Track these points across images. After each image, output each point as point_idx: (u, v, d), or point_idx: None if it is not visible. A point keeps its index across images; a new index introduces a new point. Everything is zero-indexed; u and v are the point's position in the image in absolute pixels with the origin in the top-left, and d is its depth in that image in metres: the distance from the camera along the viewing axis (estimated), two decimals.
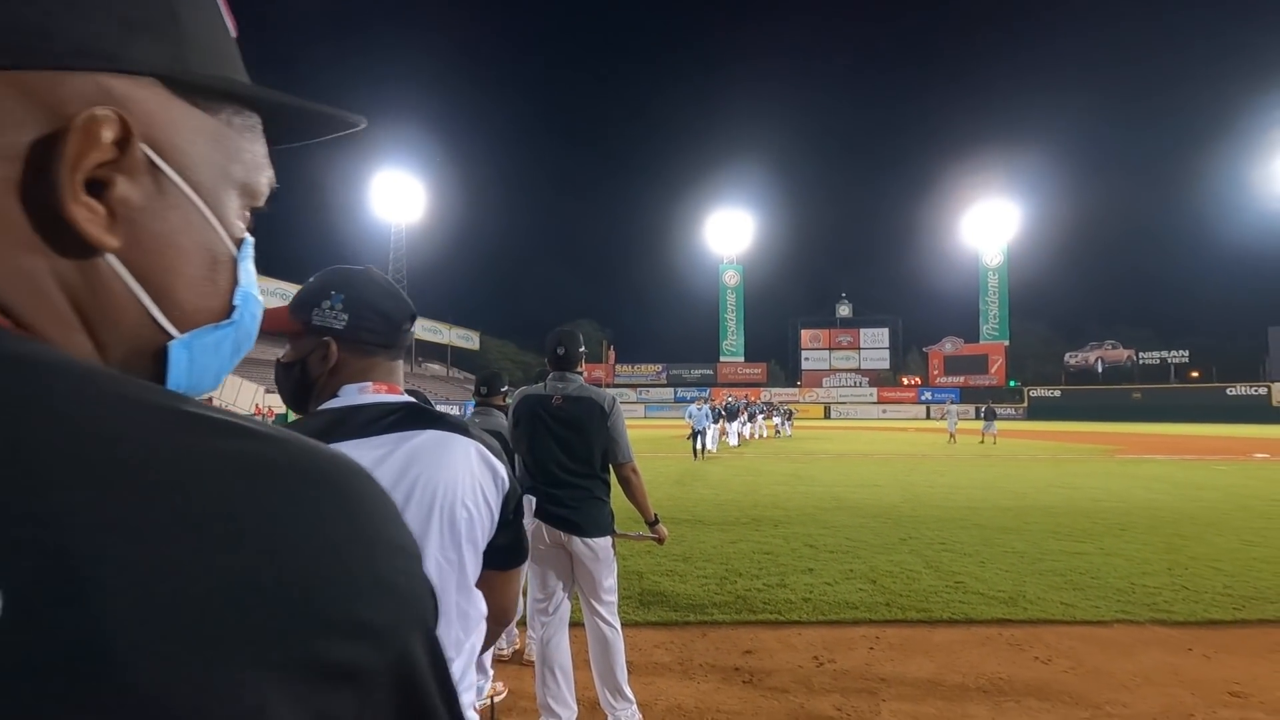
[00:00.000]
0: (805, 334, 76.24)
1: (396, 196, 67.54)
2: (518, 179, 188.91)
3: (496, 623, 1.16)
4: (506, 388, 4.13)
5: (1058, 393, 63.55)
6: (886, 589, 4.91)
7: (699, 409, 17.39)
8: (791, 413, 33.44)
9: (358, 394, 1.03)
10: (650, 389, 72.09)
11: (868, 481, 11.93)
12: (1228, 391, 55.96)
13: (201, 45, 0.34)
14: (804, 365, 75.14)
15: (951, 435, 24.70)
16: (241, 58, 0.38)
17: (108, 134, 0.30)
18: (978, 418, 25.35)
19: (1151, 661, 3.64)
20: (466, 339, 72.76)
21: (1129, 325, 73.14)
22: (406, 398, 1.07)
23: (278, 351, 1.09)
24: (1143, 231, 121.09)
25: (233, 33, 0.37)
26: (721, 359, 75.53)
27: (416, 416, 1.05)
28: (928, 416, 62.93)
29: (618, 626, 2.89)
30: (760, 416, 27.24)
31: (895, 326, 76.50)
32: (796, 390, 71.19)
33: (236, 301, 0.38)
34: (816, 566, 5.55)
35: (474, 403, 4.09)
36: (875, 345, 75.73)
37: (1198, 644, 3.91)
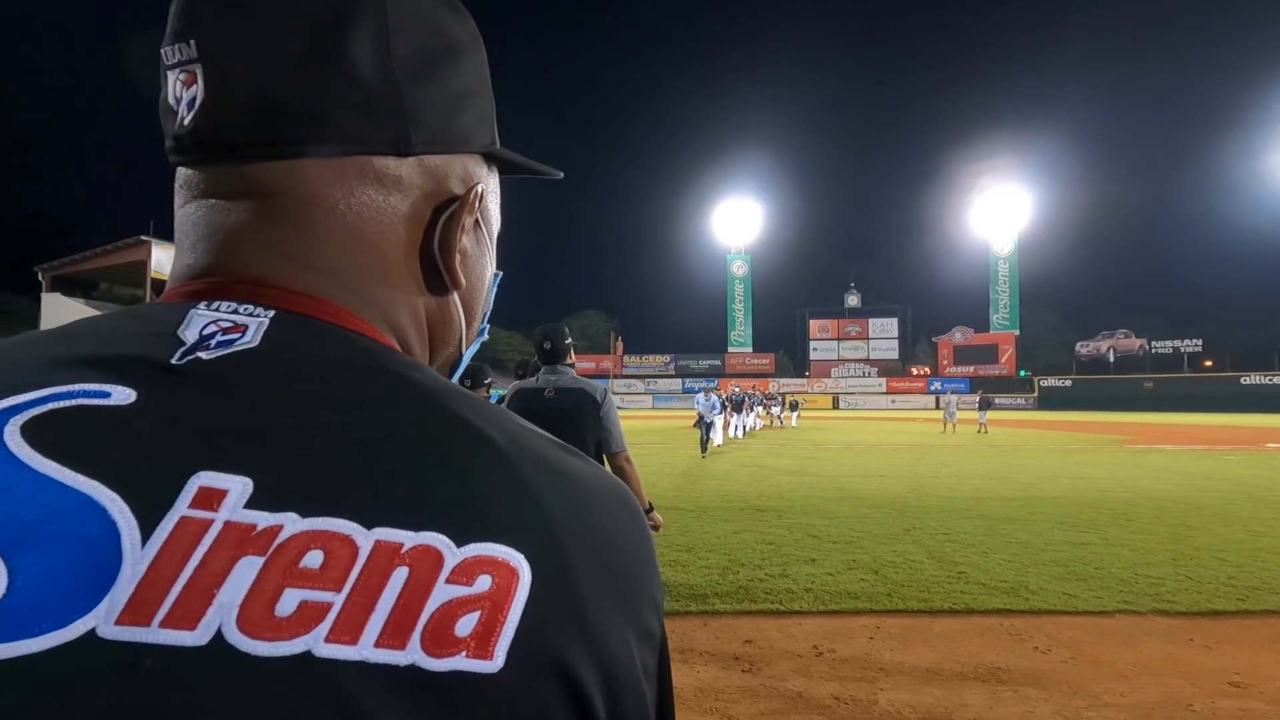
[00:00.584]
0: (813, 324, 76.06)
1: None
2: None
3: None
4: (490, 380, 4.28)
5: (1069, 382, 63.18)
6: (888, 579, 4.93)
7: (706, 399, 16.49)
8: (797, 404, 32.58)
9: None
10: (658, 380, 72.18)
11: (873, 472, 11.93)
12: (1241, 381, 55.46)
13: (493, 119, 0.44)
14: (812, 355, 75.00)
15: (947, 425, 25.22)
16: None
17: (477, 203, 0.40)
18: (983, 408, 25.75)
19: (1152, 651, 3.65)
20: None
21: (1141, 314, 72.66)
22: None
23: None
24: (1156, 220, 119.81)
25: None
26: (729, 350, 75.49)
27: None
28: (937, 407, 62.71)
29: None
30: (759, 408, 26.88)
31: (904, 316, 76.23)
32: (805, 381, 71.09)
33: (486, 324, 0.48)
34: (819, 557, 5.57)
35: None
36: (884, 335, 75.46)
37: (1199, 634, 3.91)
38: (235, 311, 0.33)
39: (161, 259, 41.22)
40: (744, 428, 22.20)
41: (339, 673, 0.23)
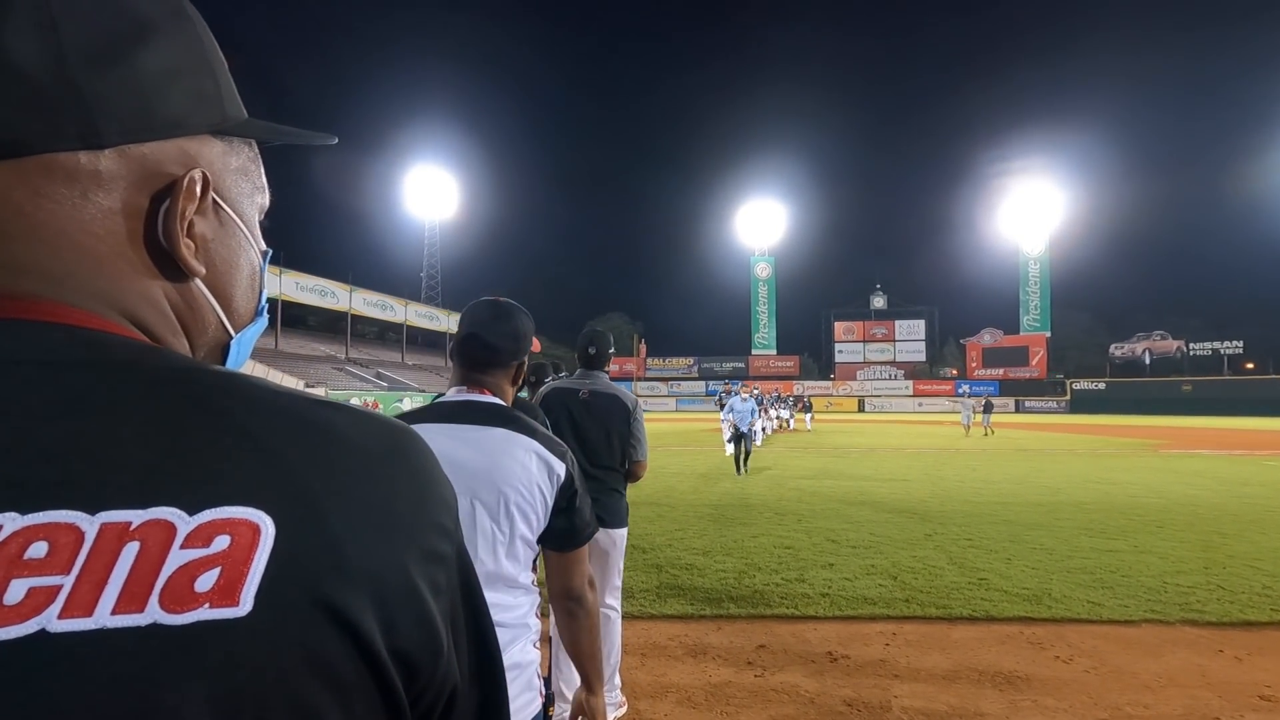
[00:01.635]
0: (839, 326, 75.28)
1: (430, 193, 68.53)
2: (549, 173, 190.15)
3: (563, 598, 1.39)
4: (553, 377, 4.26)
5: (1102, 385, 61.68)
6: (907, 585, 4.86)
7: (743, 401, 12.31)
8: (810, 404, 30.33)
9: (457, 394, 1.40)
10: (681, 382, 72.02)
11: (897, 476, 11.77)
12: None
13: (227, 96, 0.43)
14: (837, 358, 74.23)
15: (968, 428, 26.21)
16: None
17: (198, 189, 0.40)
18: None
19: (1178, 662, 3.55)
20: None
21: (1179, 315, 70.48)
22: (496, 401, 1.39)
23: (311, 348, 1.27)
24: (1193, 218, 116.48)
25: (228, 71, 0.45)
26: (753, 352, 75.07)
27: (496, 416, 1.35)
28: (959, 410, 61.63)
29: (619, 611, 3.03)
30: (771, 410, 24.97)
31: (931, 318, 75.04)
32: (830, 383, 70.40)
33: (263, 304, 0.48)
34: (837, 561, 5.52)
35: None
36: (911, 337, 74.39)
37: (1229, 645, 3.79)
38: None
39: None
40: (762, 432, 21.14)
41: (78, 642, 0.26)
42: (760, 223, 76.10)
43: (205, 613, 0.28)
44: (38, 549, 0.27)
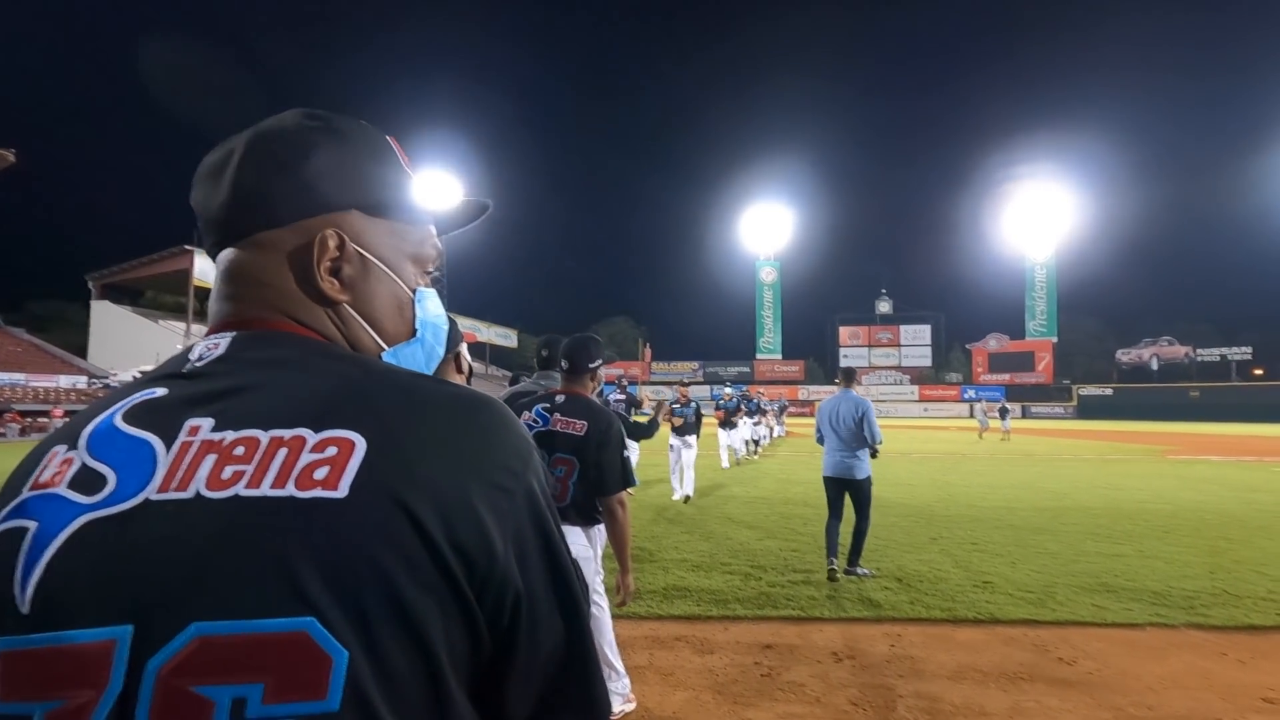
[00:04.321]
0: (844, 331, 75.13)
1: (435, 196, 68.79)
2: (554, 176, 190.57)
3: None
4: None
5: (1109, 391, 61.40)
6: (912, 588, 4.89)
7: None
8: (785, 407, 27.42)
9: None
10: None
11: (902, 480, 11.78)
12: None
13: (378, 184, 0.62)
14: (842, 363, 73.87)
15: (983, 432, 26.59)
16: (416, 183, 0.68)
17: (332, 243, 0.58)
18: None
19: (1182, 665, 3.58)
20: (505, 337, 73.73)
21: (1186, 321, 69.98)
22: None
23: None
24: (1201, 224, 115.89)
25: (407, 168, 0.65)
26: (758, 356, 74.98)
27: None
28: (971, 415, 61.47)
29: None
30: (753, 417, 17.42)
31: (937, 323, 74.78)
32: (835, 387, 70.08)
33: (417, 327, 0.66)
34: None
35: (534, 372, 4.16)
36: (917, 342, 74.19)
37: (1234, 649, 3.81)
38: (216, 339, 0.56)
39: (204, 267, 42.55)
40: (756, 443, 17.35)
41: (250, 503, 0.45)
42: (765, 227, 76.02)
43: (319, 492, 0.45)
44: (239, 450, 0.47)
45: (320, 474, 0.45)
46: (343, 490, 0.45)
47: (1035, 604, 4.54)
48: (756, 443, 17.28)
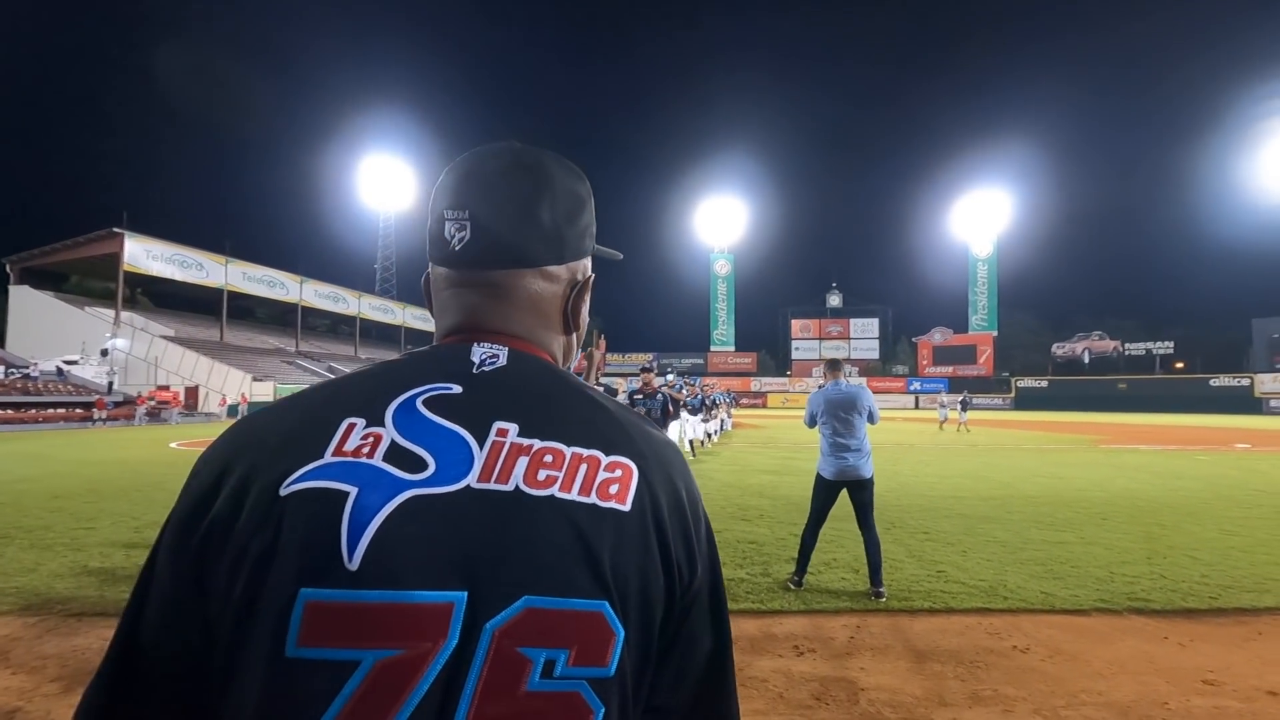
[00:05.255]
0: (795, 324, 76.48)
1: (385, 184, 66.88)
2: None
3: None
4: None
5: (1045, 383, 64.13)
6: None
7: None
8: (733, 400, 27.74)
9: None
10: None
11: None
12: (1211, 383, 56.66)
13: (594, 236, 0.74)
14: (794, 355, 75.40)
15: (943, 423, 27.38)
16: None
17: (589, 284, 0.73)
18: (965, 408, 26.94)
19: (1128, 650, 3.68)
20: None
21: (1116, 317, 73.57)
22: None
23: (260, 341, 1.21)
24: (1131, 223, 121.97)
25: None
26: (712, 348, 75.68)
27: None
28: (916, 406, 63.40)
29: None
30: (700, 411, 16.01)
31: (885, 317, 76.90)
32: (786, 379, 71.43)
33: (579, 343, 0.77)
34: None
35: None
36: (865, 335, 76.09)
37: (1173, 632, 3.95)
38: (491, 348, 0.63)
39: (135, 252, 40.33)
40: (709, 436, 17.29)
41: (565, 504, 0.54)
42: (720, 220, 76.64)
43: (614, 504, 0.55)
44: (549, 458, 0.55)
45: (613, 489, 0.56)
46: (628, 505, 0.55)
47: (987, 593, 4.62)
48: (709, 436, 17.45)
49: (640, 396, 8.59)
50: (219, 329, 48.07)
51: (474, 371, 0.60)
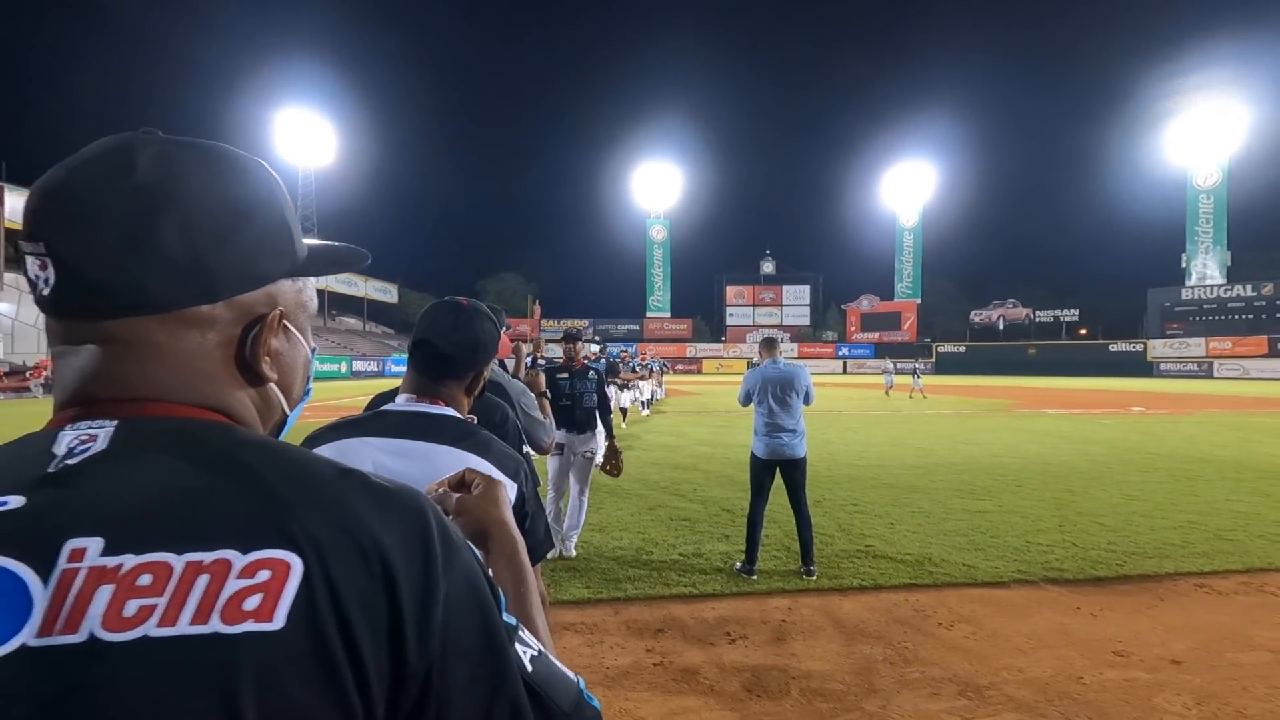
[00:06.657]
0: (730, 290, 77.29)
1: (303, 138, 62.97)
2: (439, 125, 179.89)
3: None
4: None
5: (963, 348, 67.33)
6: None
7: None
8: (664, 368, 27.12)
9: (405, 402, 1.28)
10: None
11: None
12: (1110, 348, 60.84)
13: (298, 246, 0.58)
14: (729, 321, 76.36)
15: (888, 390, 28.11)
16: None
17: (277, 324, 0.55)
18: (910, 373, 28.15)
19: (1044, 623, 3.79)
20: (384, 291, 69.56)
21: (1028, 285, 77.63)
22: (447, 412, 1.26)
23: None
24: (1043, 196, 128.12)
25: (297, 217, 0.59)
26: (648, 314, 75.75)
27: (446, 429, 1.22)
28: (844, 371, 65.57)
29: None
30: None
31: (816, 284, 78.60)
32: (721, 345, 72.41)
33: (309, 386, 0.64)
34: (733, 533, 5.54)
35: None
36: (797, 302, 77.70)
37: (1085, 602, 4.10)
38: (89, 427, 0.47)
39: (16, 206, 36.65)
40: (645, 406, 17.40)
41: (166, 645, 0.39)
42: (656, 185, 76.03)
43: (250, 625, 0.41)
44: (145, 579, 0.41)
45: (251, 603, 0.42)
46: (278, 620, 0.42)
47: (914, 567, 4.71)
48: (645, 405, 17.47)
49: (564, 376, 5.86)
50: None
51: (49, 470, 0.45)
